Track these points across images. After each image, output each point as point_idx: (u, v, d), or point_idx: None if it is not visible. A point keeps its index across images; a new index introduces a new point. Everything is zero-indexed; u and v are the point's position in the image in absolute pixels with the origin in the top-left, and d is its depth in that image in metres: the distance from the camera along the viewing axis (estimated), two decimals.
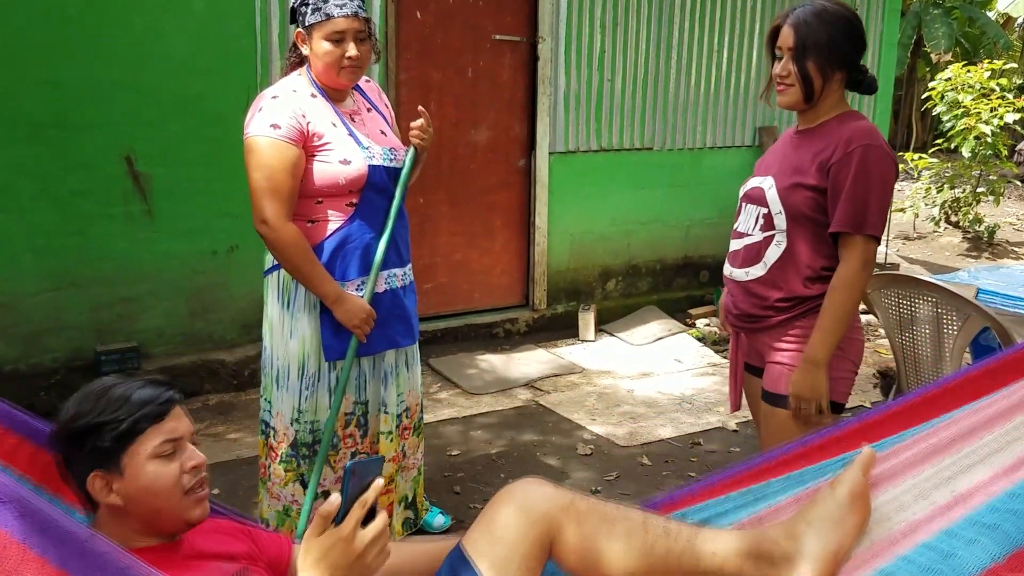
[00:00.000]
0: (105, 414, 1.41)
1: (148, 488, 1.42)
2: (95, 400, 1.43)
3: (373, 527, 1.24)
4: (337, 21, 2.37)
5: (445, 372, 4.73)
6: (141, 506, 1.42)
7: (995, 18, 17.25)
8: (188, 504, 1.45)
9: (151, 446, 1.42)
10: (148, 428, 1.43)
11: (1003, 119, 8.31)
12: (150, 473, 1.42)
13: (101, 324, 4.21)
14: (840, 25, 2.20)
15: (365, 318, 2.46)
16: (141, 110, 4.13)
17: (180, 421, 1.48)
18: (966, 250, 9.02)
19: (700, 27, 5.82)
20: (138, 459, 1.42)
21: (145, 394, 1.45)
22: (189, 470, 1.46)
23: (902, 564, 1.34)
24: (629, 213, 5.80)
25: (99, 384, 1.48)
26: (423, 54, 4.90)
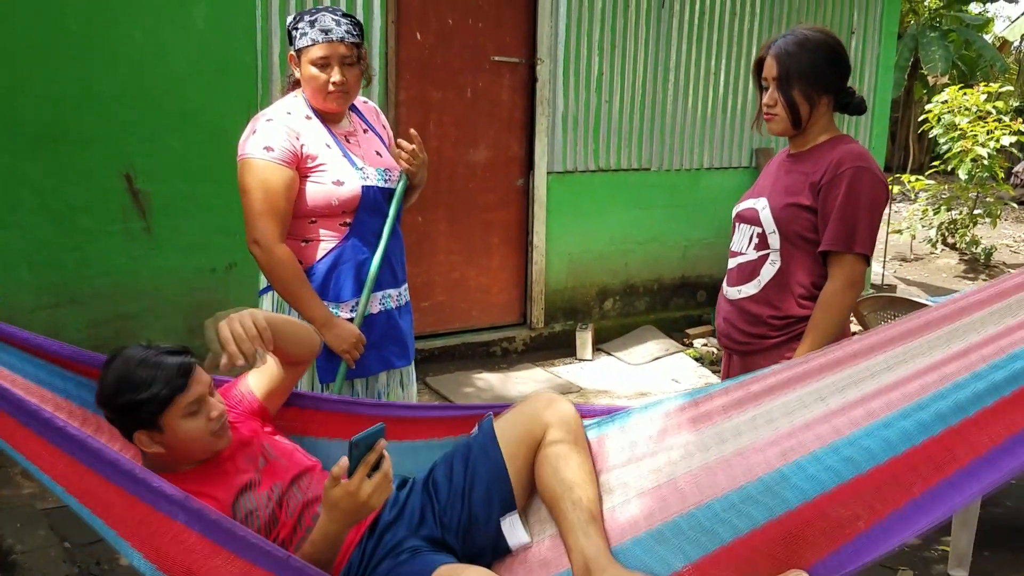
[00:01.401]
0: (140, 392, 1.74)
1: (183, 439, 1.79)
2: (128, 378, 1.76)
3: (374, 479, 1.59)
4: (323, 46, 2.37)
5: (442, 391, 4.73)
6: (180, 450, 1.81)
7: (991, 41, 17.40)
8: (214, 440, 1.84)
9: (180, 409, 1.77)
10: (177, 396, 1.77)
11: (999, 142, 8.36)
12: (183, 428, 1.78)
13: (99, 340, 4.20)
14: (822, 52, 2.24)
15: (354, 343, 2.45)
16: (141, 124, 4.15)
17: (199, 383, 1.81)
18: (963, 272, 9.04)
19: (697, 49, 5.86)
20: (172, 419, 1.77)
21: (169, 369, 1.77)
22: (213, 419, 1.82)
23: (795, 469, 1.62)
24: (627, 233, 5.82)
25: (129, 359, 1.79)
26: (423, 74, 4.93)
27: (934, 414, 1.53)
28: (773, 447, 1.69)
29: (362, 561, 1.83)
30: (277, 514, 1.85)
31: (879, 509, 1.52)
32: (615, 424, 1.99)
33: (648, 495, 1.80)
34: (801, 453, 1.64)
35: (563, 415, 1.93)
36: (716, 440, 1.79)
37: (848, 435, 1.61)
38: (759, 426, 1.76)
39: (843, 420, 1.64)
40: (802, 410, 1.72)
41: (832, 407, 1.68)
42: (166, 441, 1.79)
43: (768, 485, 1.64)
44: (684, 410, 1.90)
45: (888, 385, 1.64)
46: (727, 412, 1.83)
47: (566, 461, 1.85)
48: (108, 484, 1.59)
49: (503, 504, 1.87)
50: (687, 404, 1.90)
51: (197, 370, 1.84)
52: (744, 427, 1.78)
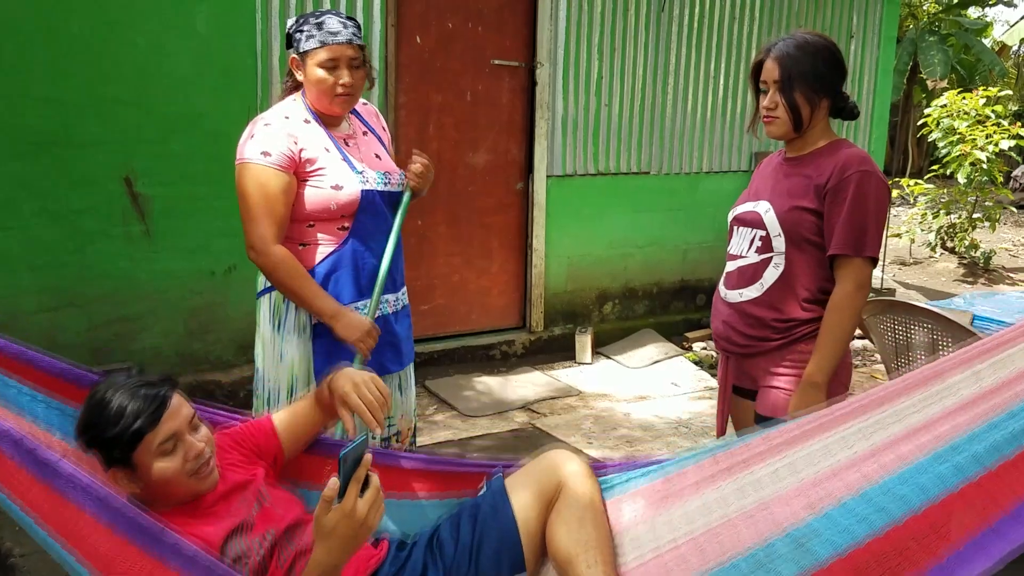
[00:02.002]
0: (108, 429, 1.62)
1: (158, 480, 1.66)
2: (99, 414, 1.64)
3: (368, 496, 1.48)
4: (331, 48, 2.37)
5: (441, 394, 4.73)
6: (157, 491, 1.67)
7: (991, 45, 17.42)
8: (195, 482, 1.70)
9: (152, 448, 1.64)
10: (146, 435, 1.63)
11: (998, 146, 8.37)
12: (157, 469, 1.65)
13: (98, 343, 4.21)
14: (822, 54, 2.26)
15: (367, 332, 2.43)
16: (142, 128, 4.16)
17: (176, 416, 1.68)
18: (962, 276, 9.05)
19: (696, 53, 5.87)
20: (145, 458, 1.64)
21: (140, 402, 1.64)
22: (192, 459, 1.68)
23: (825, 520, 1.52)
24: (626, 236, 5.83)
25: (100, 394, 1.67)
26: (423, 77, 4.94)
27: (970, 457, 1.42)
28: (799, 498, 1.59)
29: None
30: (268, 562, 1.73)
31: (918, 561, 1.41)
32: (631, 483, 1.93)
33: (666, 555, 1.72)
34: (829, 503, 1.54)
35: (577, 473, 1.86)
36: (737, 495, 1.71)
37: (879, 482, 1.51)
38: (783, 477, 1.66)
39: (872, 466, 1.54)
40: (828, 458, 1.62)
41: (860, 453, 1.58)
42: (141, 481, 1.66)
43: (796, 539, 1.54)
44: (702, 467, 1.82)
45: (918, 428, 1.54)
46: (748, 466, 1.74)
47: (580, 521, 1.79)
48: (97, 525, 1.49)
49: (513, 566, 1.81)
50: (706, 461, 1.83)
51: (174, 404, 1.69)
52: (767, 480, 1.69)
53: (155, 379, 1.71)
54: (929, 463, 1.47)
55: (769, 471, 1.69)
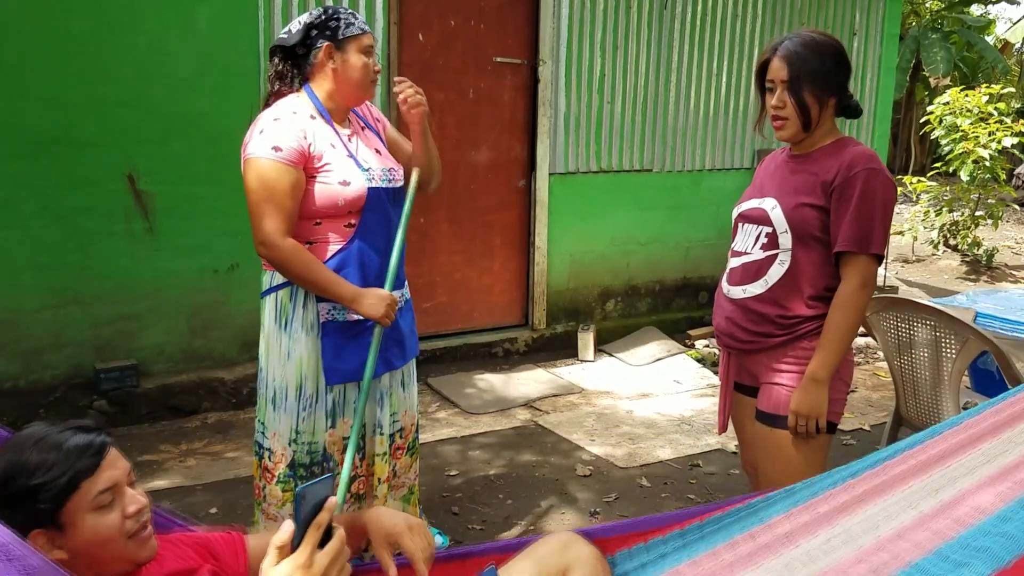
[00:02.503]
0: (37, 476, 1.39)
1: (91, 541, 1.41)
2: (24, 461, 1.40)
3: (329, 547, 1.19)
4: (369, 35, 2.47)
5: (444, 391, 4.73)
6: (87, 557, 1.42)
7: (993, 43, 17.39)
8: (133, 547, 1.46)
9: (88, 499, 1.41)
10: (83, 482, 1.41)
11: (1001, 143, 8.36)
12: (91, 526, 1.41)
13: (101, 341, 4.21)
14: (829, 53, 2.25)
15: (390, 304, 2.45)
16: (144, 128, 4.16)
17: (115, 467, 1.46)
18: (964, 273, 9.04)
19: (699, 51, 5.86)
20: (77, 514, 1.41)
21: (74, 447, 1.42)
22: (131, 515, 1.46)
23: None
24: (629, 234, 5.82)
25: (26, 439, 1.45)
26: (425, 75, 4.93)
27: None
28: (860, 566, 1.41)
29: None
30: None
31: None
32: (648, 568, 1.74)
33: None
34: (898, 567, 1.36)
35: (584, 558, 1.68)
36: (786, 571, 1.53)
37: (956, 537, 1.34)
38: (837, 547, 1.49)
39: (945, 522, 1.37)
40: (889, 521, 1.46)
41: (926, 511, 1.42)
42: (69, 544, 1.41)
43: None
44: (735, 546, 1.64)
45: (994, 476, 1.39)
46: (793, 540, 1.57)
47: None
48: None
49: None
50: (740, 538, 1.65)
51: (112, 452, 1.47)
52: (818, 552, 1.51)
53: (90, 424, 1.50)
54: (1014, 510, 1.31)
55: (820, 542, 1.52)
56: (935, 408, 3.13)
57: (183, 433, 4.13)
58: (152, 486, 3.53)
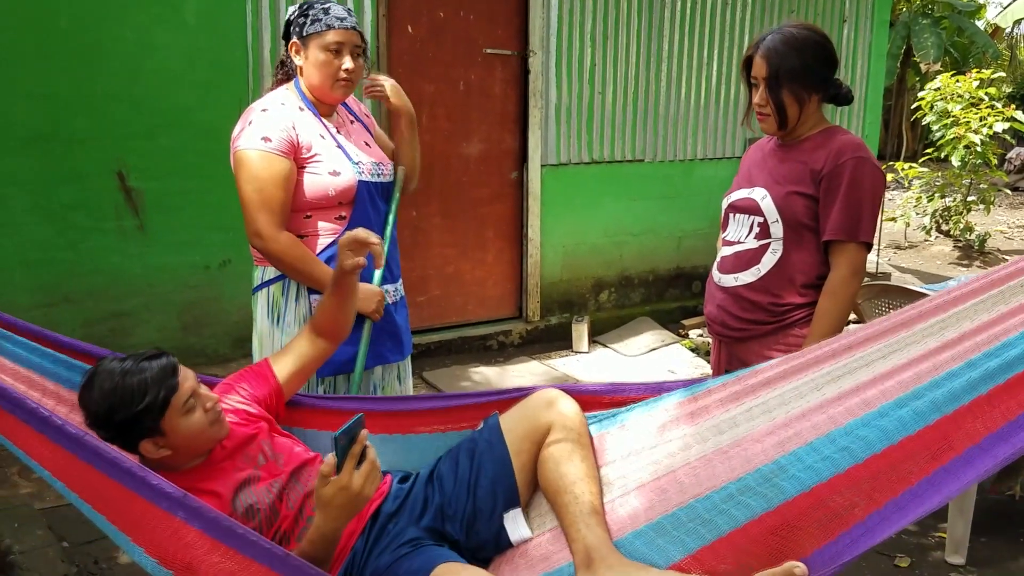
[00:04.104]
0: (135, 403, 1.74)
1: (186, 436, 1.81)
2: (118, 393, 1.75)
3: (363, 469, 1.62)
4: (338, 32, 2.38)
5: (438, 385, 4.73)
6: (184, 448, 1.82)
7: (984, 28, 17.39)
8: (215, 430, 1.86)
9: (178, 408, 1.79)
10: (173, 397, 1.79)
11: (992, 128, 8.37)
12: (184, 426, 1.80)
13: (93, 339, 4.16)
14: (810, 49, 2.25)
15: (380, 299, 2.49)
16: (134, 123, 4.14)
17: (187, 379, 1.84)
18: (957, 259, 9.06)
19: (690, 40, 5.85)
20: (172, 421, 1.79)
21: (157, 372, 1.79)
22: (209, 409, 1.85)
23: (792, 459, 1.62)
24: (621, 224, 5.82)
25: (112, 376, 1.78)
26: (415, 68, 4.92)
27: (929, 403, 1.52)
28: (770, 437, 1.69)
29: (364, 550, 1.86)
30: (278, 507, 1.86)
31: (877, 498, 1.51)
32: (616, 421, 2.02)
33: (648, 488, 1.81)
34: (798, 443, 1.64)
35: (566, 412, 1.95)
36: (714, 432, 1.80)
37: (844, 425, 1.60)
38: (756, 416, 1.76)
39: (839, 409, 1.63)
40: (798, 400, 1.72)
41: (828, 396, 1.68)
42: (170, 443, 1.81)
43: (766, 475, 1.64)
44: (682, 405, 1.92)
45: (883, 374, 1.63)
46: (724, 405, 1.84)
47: (569, 457, 1.88)
48: (107, 480, 1.62)
49: (507, 499, 1.91)
50: (685, 400, 1.92)
51: (181, 367, 1.85)
52: (741, 419, 1.78)
53: (151, 352, 1.84)
54: (891, 407, 1.56)
55: (743, 410, 1.79)
56: None
57: None
58: None
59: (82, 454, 1.64)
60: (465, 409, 2.15)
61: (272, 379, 2.13)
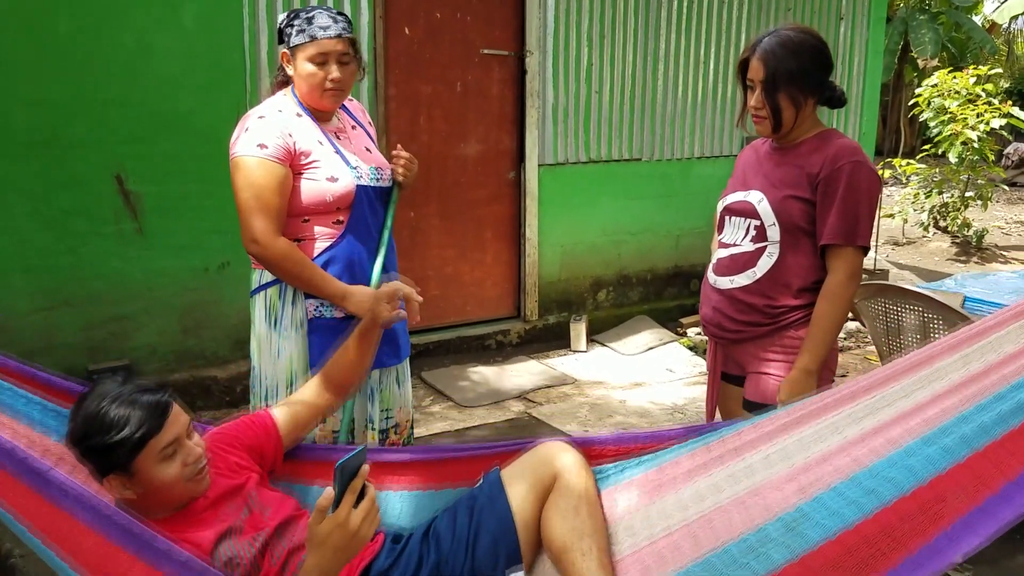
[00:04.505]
0: (111, 433, 1.64)
1: (156, 484, 1.69)
2: (100, 418, 1.66)
3: (363, 506, 1.50)
4: (321, 43, 2.38)
5: (437, 385, 4.75)
6: (154, 496, 1.70)
7: (981, 23, 17.39)
8: (191, 486, 1.74)
9: (155, 452, 1.68)
10: (151, 439, 1.67)
11: (989, 124, 8.38)
12: (156, 474, 1.69)
13: (93, 342, 4.21)
14: (807, 53, 2.25)
15: (377, 299, 2.39)
16: (132, 127, 4.15)
17: (176, 423, 1.72)
18: (955, 255, 9.07)
19: (686, 39, 5.86)
20: (146, 464, 1.67)
21: (143, 409, 1.67)
22: (190, 463, 1.72)
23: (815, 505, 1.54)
24: (619, 224, 5.83)
25: (96, 402, 1.68)
26: (412, 69, 4.93)
27: (958, 439, 1.44)
28: (790, 483, 1.61)
29: None
30: (259, 561, 1.76)
31: (907, 542, 1.42)
32: (624, 475, 1.95)
33: (660, 544, 1.74)
34: (820, 487, 1.56)
35: (572, 465, 1.88)
36: (730, 482, 1.72)
37: (869, 466, 1.52)
38: (774, 463, 1.68)
39: (863, 451, 1.55)
40: (818, 443, 1.64)
41: (850, 438, 1.60)
42: (138, 487, 1.69)
43: (787, 523, 1.56)
44: (694, 456, 1.84)
45: (907, 412, 1.55)
46: (740, 453, 1.76)
47: (575, 512, 1.81)
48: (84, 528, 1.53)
49: (509, 557, 1.83)
50: (697, 450, 1.85)
51: (174, 410, 1.74)
52: (758, 466, 1.70)
53: (152, 386, 1.74)
54: (918, 446, 1.48)
55: (760, 458, 1.71)
56: None
57: None
58: None
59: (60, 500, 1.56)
60: (462, 462, 2.05)
61: (272, 429, 2.03)
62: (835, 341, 2.32)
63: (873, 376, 1.69)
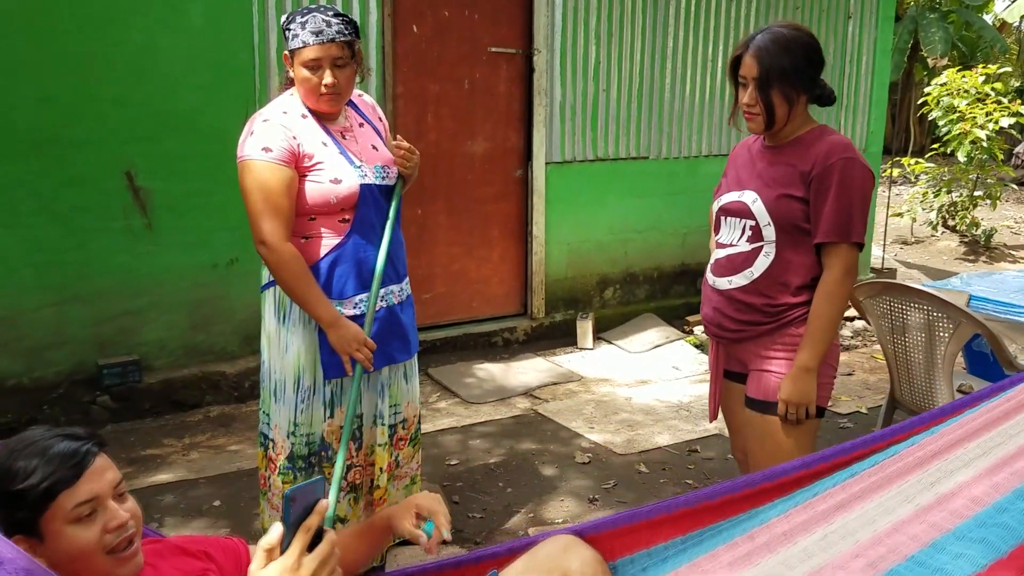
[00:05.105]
0: (16, 482, 1.35)
1: (68, 553, 1.37)
2: (8, 466, 1.38)
3: (319, 551, 1.17)
4: (313, 48, 2.39)
5: (444, 382, 4.77)
6: (66, 568, 1.37)
7: (991, 22, 17.32)
8: (113, 563, 1.40)
9: (66, 511, 1.36)
10: (61, 493, 1.36)
11: (998, 123, 8.35)
12: (68, 538, 1.37)
13: (103, 338, 4.24)
14: (800, 50, 2.24)
15: (361, 343, 2.47)
16: (139, 126, 4.17)
17: (99, 479, 1.40)
18: (963, 254, 9.05)
19: (694, 36, 5.86)
20: (55, 524, 1.36)
21: (56, 455, 1.38)
22: (112, 530, 1.40)
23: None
24: (626, 221, 5.84)
25: (17, 443, 1.42)
26: (420, 67, 4.95)
27: None
28: (857, 560, 1.40)
29: None
30: None
31: None
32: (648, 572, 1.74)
33: None
34: (895, 560, 1.36)
35: (585, 562, 1.67)
36: (782, 568, 1.52)
37: (952, 529, 1.33)
38: (834, 543, 1.48)
39: (941, 515, 1.36)
40: (886, 516, 1.44)
41: (923, 505, 1.40)
42: (48, 553, 1.37)
43: None
44: (734, 547, 1.63)
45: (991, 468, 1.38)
46: (791, 538, 1.56)
47: None
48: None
49: None
50: (739, 539, 1.64)
51: (97, 462, 1.41)
52: (815, 548, 1.50)
53: (80, 433, 1.45)
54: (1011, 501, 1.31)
55: (817, 539, 1.52)
56: (929, 391, 3.15)
57: (186, 427, 4.17)
58: (156, 480, 3.57)
59: None
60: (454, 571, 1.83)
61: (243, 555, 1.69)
62: (835, 337, 2.33)
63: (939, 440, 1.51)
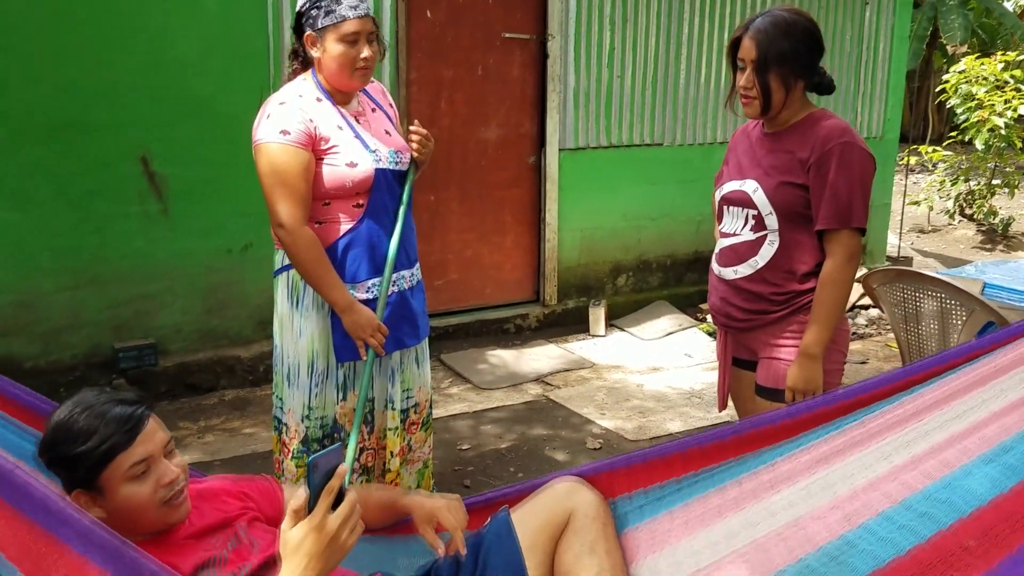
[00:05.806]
0: (76, 445, 1.49)
1: (125, 505, 1.53)
2: (67, 428, 1.51)
3: (341, 510, 1.29)
4: (352, 22, 2.40)
5: (456, 367, 4.79)
6: (123, 517, 1.53)
7: (1012, 9, 17.11)
8: (166, 511, 1.57)
9: (123, 470, 1.51)
10: (118, 455, 1.51)
11: (1017, 111, 8.26)
12: (125, 493, 1.52)
13: (119, 321, 4.29)
14: (799, 34, 2.22)
15: (374, 328, 2.49)
16: (155, 111, 4.20)
17: (151, 440, 1.55)
18: (980, 243, 8.98)
19: (709, 22, 5.83)
20: (113, 482, 1.51)
21: (113, 420, 1.52)
22: (164, 485, 1.55)
23: (862, 533, 1.44)
24: (639, 208, 5.83)
25: (68, 410, 1.55)
26: (433, 53, 4.95)
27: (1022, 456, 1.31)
28: (834, 512, 1.49)
29: None
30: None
31: (968, 570, 1.28)
32: (645, 511, 1.83)
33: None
34: (868, 515, 1.43)
35: (588, 501, 1.78)
36: (766, 515, 1.61)
37: (922, 489, 1.39)
38: (814, 494, 1.56)
39: (914, 475, 1.42)
40: (864, 471, 1.51)
41: (898, 463, 1.47)
42: (107, 506, 1.53)
43: (831, 555, 1.44)
44: (724, 491, 1.71)
45: (962, 432, 1.42)
46: (775, 487, 1.64)
47: (591, 550, 1.71)
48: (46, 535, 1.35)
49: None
50: (728, 484, 1.72)
51: (149, 425, 1.56)
52: (797, 498, 1.58)
53: (131, 397, 1.59)
54: (977, 465, 1.35)
55: (799, 489, 1.60)
56: None
57: (201, 410, 4.21)
58: None
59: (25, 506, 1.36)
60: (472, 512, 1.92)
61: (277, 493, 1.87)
62: (843, 322, 2.32)
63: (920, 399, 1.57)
